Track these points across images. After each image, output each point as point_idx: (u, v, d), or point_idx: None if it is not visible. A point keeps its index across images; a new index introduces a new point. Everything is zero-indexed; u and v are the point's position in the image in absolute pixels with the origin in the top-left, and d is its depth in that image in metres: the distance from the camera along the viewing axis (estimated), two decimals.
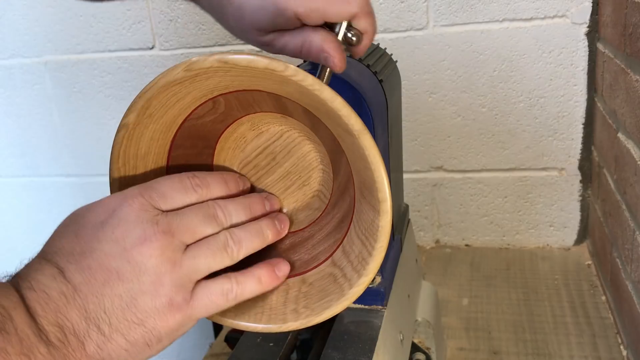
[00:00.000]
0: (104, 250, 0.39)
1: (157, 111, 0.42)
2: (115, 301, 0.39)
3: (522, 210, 1.13)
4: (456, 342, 0.89)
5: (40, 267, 0.39)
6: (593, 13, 0.99)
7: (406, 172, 1.12)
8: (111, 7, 1.20)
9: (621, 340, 0.85)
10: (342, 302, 0.46)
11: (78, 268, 0.39)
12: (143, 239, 0.39)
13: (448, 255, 1.15)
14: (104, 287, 0.39)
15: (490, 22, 1.03)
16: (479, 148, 1.10)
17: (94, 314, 0.38)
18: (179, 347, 1.47)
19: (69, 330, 0.38)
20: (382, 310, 0.58)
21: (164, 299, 0.39)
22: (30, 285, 0.38)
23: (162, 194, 0.41)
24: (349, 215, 0.49)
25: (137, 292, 0.39)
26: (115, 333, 0.39)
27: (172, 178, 0.42)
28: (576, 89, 1.03)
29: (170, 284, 0.39)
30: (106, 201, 0.41)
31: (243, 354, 0.56)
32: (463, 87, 1.07)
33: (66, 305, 0.38)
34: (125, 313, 0.39)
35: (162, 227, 0.40)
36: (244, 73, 0.40)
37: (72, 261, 0.39)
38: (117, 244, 0.39)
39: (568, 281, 1.01)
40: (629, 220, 0.80)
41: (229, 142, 0.49)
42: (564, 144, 1.07)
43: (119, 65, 1.24)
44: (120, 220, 0.39)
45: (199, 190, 0.43)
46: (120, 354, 0.39)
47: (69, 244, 0.40)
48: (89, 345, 0.38)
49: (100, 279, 0.39)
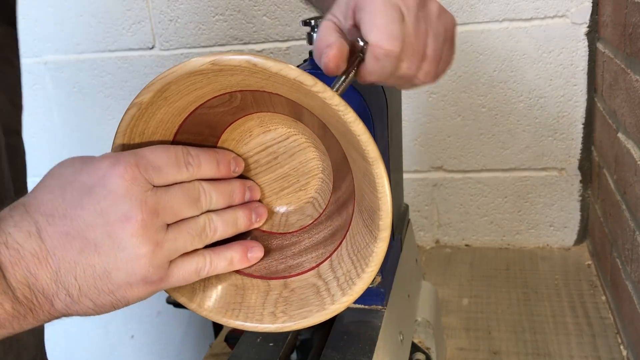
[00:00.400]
0: (86, 220, 0.38)
1: (173, 95, 0.41)
2: (87, 270, 0.38)
3: (522, 210, 1.13)
4: (456, 342, 0.89)
5: (19, 221, 0.38)
6: (593, 13, 0.99)
7: (406, 172, 1.12)
8: (111, 7, 1.20)
9: (621, 340, 0.85)
10: (321, 316, 0.46)
11: (56, 232, 0.38)
12: (128, 217, 0.38)
13: (448, 255, 1.15)
14: (79, 255, 0.38)
15: (490, 22, 1.03)
16: (479, 148, 1.10)
17: (65, 279, 0.38)
18: (179, 347, 1.47)
19: (37, 289, 0.38)
20: (382, 310, 0.58)
21: (139, 277, 0.39)
22: (5, 240, 0.38)
23: (157, 168, 0.40)
24: (342, 231, 0.49)
25: (112, 267, 0.39)
26: (83, 297, 0.39)
27: (168, 150, 0.42)
28: (576, 89, 1.03)
29: (148, 264, 0.39)
30: (100, 162, 0.40)
31: (243, 354, 0.56)
32: (463, 87, 1.07)
33: (37, 266, 0.38)
34: (97, 282, 0.39)
35: (149, 207, 0.39)
36: (269, 78, 0.40)
37: (52, 223, 0.38)
38: (101, 216, 0.38)
39: (568, 281, 1.00)
40: (629, 220, 0.80)
41: (234, 134, 0.49)
42: (564, 144, 1.07)
43: (119, 65, 1.24)
44: (109, 192, 0.38)
45: (190, 168, 0.42)
46: (87, 312, 0.40)
47: (52, 202, 0.39)
48: (57, 303, 0.39)
49: (77, 247, 0.38)
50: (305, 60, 0.58)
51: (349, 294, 0.45)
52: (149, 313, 1.45)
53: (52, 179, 0.40)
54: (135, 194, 0.39)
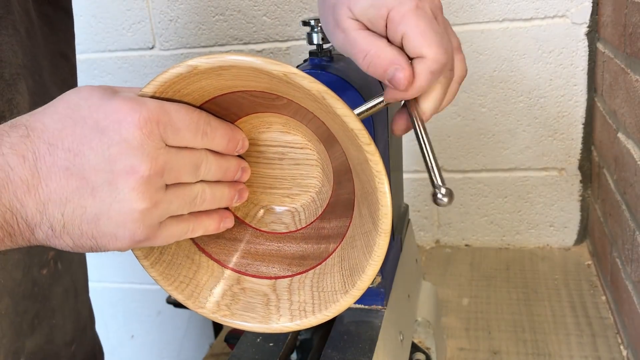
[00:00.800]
0: (91, 161, 0.37)
1: (228, 75, 0.40)
2: (77, 211, 0.37)
3: (522, 210, 1.13)
4: (456, 342, 0.89)
5: (16, 144, 0.37)
6: (593, 13, 0.99)
7: (406, 172, 1.12)
8: (111, 7, 1.20)
9: (621, 340, 0.85)
10: (260, 329, 0.47)
11: (55, 164, 0.37)
12: (135, 170, 0.37)
13: (448, 255, 1.15)
14: (72, 193, 0.37)
15: (490, 22, 1.03)
16: (479, 148, 1.10)
17: (51, 212, 0.37)
18: (179, 347, 1.47)
19: (20, 216, 0.37)
20: (382, 310, 0.58)
21: (128, 232, 0.38)
22: None
23: (176, 130, 0.39)
24: (313, 261, 0.49)
25: (103, 214, 0.38)
26: (65, 235, 0.38)
27: (192, 114, 0.41)
28: (576, 89, 1.03)
29: (140, 222, 0.38)
30: (121, 103, 0.37)
31: (243, 354, 0.56)
32: (463, 87, 1.07)
33: (25, 194, 0.37)
34: (83, 225, 0.38)
35: (158, 165, 0.38)
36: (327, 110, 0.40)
37: (53, 153, 0.37)
38: (107, 162, 0.37)
39: (568, 281, 1.01)
40: (629, 220, 0.80)
41: (254, 121, 0.48)
42: (564, 144, 1.07)
43: (119, 65, 1.24)
44: (122, 139, 0.37)
45: (205, 138, 0.42)
46: (64, 248, 0.39)
47: (60, 132, 0.37)
48: (37, 233, 0.38)
49: (73, 185, 0.37)
50: (305, 60, 0.58)
51: (296, 324, 0.46)
52: (149, 313, 1.45)
53: (65, 107, 0.38)
54: (148, 149, 0.37)
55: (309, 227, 0.51)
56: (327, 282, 0.47)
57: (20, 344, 0.57)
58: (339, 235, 0.48)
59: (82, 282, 0.69)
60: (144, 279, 1.35)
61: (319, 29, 0.54)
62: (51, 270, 0.61)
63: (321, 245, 0.49)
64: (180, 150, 0.40)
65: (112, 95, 0.38)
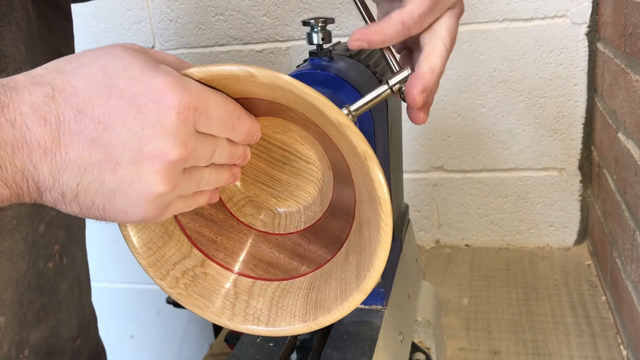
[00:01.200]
0: (120, 137, 0.35)
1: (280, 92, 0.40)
2: (94, 183, 0.36)
3: (522, 210, 1.13)
4: (456, 342, 0.89)
5: (39, 105, 0.34)
6: (593, 13, 0.99)
7: (406, 172, 1.12)
8: (111, 7, 1.20)
9: (621, 340, 0.85)
10: (210, 316, 0.46)
11: (81, 133, 0.35)
12: (162, 154, 0.36)
13: (448, 255, 1.15)
14: (93, 165, 0.35)
15: (490, 22, 1.03)
16: (479, 148, 1.10)
17: (66, 179, 0.36)
18: (179, 347, 1.47)
19: (32, 179, 0.35)
20: (382, 310, 0.58)
21: (140, 211, 0.38)
22: (13, 118, 0.34)
23: (209, 119, 0.38)
24: (278, 273, 0.49)
25: (120, 191, 0.36)
26: (74, 203, 0.37)
27: (228, 106, 0.40)
28: (576, 89, 1.03)
29: (154, 203, 0.38)
30: (164, 80, 0.36)
31: (243, 354, 0.56)
32: (463, 87, 1.07)
33: (41, 157, 0.35)
34: (97, 198, 0.37)
35: (186, 152, 0.37)
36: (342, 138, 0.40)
37: (80, 122, 0.35)
38: (139, 142, 0.35)
39: (568, 281, 1.00)
40: (629, 220, 0.80)
41: (277, 121, 0.48)
42: (564, 144, 1.07)
43: None
44: (158, 122, 0.35)
45: (231, 132, 0.41)
46: (69, 213, 0.38)
47: (92, 100, 0.35)
48: (46, 197, 0.36)
49: (96, 157, 0.35)
50: (305, 60, 0.58)
51: (247, 328, 0.46)
52: (149, 313, 1.45)
53: (101, 73, 0.36)
54: (181, 136, 0.36)
55: (286, 236, 0.50)
56: (288, 302, 0.46)
57: (25, 335, 0.57)
58: (315, 262, 0.48)
59: (85, 279, 0.70)
60: (144, 279, 1.35)
61: (318, 29, 0.54)
62: (57, 264, 0.61)
63: (293, 261, 0.49)
64: (206, 137, 0.39)
65: (154, 69, 0.36)
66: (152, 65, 0.37)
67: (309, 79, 0.53)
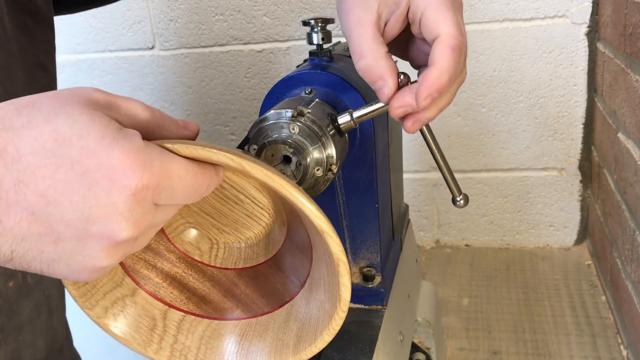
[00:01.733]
0: (64, 215, 0.31)
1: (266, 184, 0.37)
2: (31, 252, 0.33)
3: (522, 210, 1.13)
4: (456, 342, 0.89)
5: None
6: (593, 13, 0.99)
7: (406, 172, 1.12)
8: (111, 7, 1.20)
9: (621, 340, 0.85)
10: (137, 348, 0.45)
11: (19, 204, 0.31)
12: (110, 234, 0.32)
13: (448, 255, 1.15)
14: (32, 237, 0.32)
15: (490, 22, 1.03)
16: (479, 148, 1.10)
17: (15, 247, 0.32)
18: None
19: None
20: (382, 310, 0.58)
21: (82, 278, 0.35)
22: None
23: (172, 195, 0.34)
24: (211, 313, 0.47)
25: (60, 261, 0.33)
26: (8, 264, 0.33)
27: (195, 179, 0.35)
28: (576, 89, 1.03)
29: (98, 272, 0.35)
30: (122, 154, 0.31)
31: None
32: (463, 87, 1.07)
33: None
34: (34, 263, 0.33)
35: (137, 231, 0.33)
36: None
37: (20, 192, 0.31)
38: (84, 221, 0.32)
39: (568, 281, 1.01)
40: (629, 220, 0.80)
41: None
42: (564, 144, 1.07)
43: (119, 65, 1.24)
44: (109, 202, 0.31)
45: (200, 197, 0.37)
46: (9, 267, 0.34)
47: (36, 169, 0.31)
48: None
49: (35, 230, 0.32)
50: (305, 60, 0.58)
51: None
52: None
53: (52, 138, 0.31)
54: (134, 216, 0.32)
55: (222, 271, 0.48)
56: (217, 345, 0.45)
57: None
58: (250, 309, 0.47)
59: (56, 299, 0.65)
60: None
61: (318, 29, 0.54)
62: (19, 283, 0.57)
63: (227, 301, 0.47)
64: (167, 206, 0.36)
65: (114, 139, 0.32)
66: (112, 133, 0.32)
67: (309, 78, 0.53)
